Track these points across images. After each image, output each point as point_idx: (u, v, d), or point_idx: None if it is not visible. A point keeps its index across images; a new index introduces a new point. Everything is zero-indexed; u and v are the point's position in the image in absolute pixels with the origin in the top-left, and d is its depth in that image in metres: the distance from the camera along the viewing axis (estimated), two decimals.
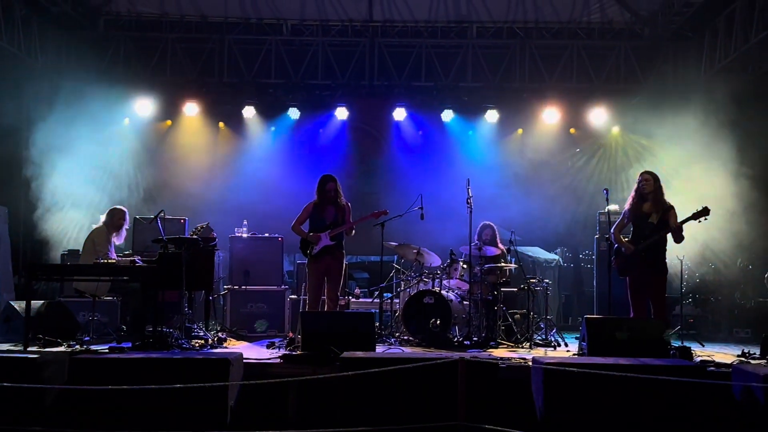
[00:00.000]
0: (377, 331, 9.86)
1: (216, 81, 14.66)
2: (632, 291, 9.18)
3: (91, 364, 6.93)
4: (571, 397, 6.57)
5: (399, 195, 12.88)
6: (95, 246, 9.85)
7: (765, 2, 11.43)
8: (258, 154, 15.34)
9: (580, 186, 14.99)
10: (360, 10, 14.42)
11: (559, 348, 10.18)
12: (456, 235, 12.28)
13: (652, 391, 6.44)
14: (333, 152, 15.34)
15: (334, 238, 10.00)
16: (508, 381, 7.20)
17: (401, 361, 6.67)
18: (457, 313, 10.28)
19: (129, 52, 14.33)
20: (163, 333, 8.93)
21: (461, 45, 14.62)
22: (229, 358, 6.86)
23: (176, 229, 11.89)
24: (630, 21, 14.37)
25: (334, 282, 10.07)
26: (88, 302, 9.76)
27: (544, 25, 14.59)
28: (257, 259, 11.94)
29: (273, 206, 13.82)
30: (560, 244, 14.85)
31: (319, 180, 10.19)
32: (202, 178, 14.94)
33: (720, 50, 12.93)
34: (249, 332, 11.29)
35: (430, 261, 11.34)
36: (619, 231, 9.40)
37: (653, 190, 9.14)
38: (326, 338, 8.02)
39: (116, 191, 13.43)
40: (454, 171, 14.40)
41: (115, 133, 14.49)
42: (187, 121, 15.13)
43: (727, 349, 10.20)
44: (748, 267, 12.93)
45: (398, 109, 15.01)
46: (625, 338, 7.87)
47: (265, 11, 14.49)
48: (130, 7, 14.35)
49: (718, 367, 7.86)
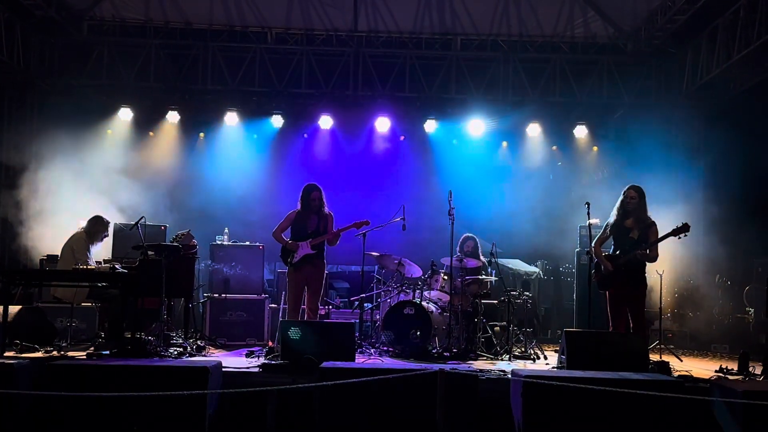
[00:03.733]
0: (357, 341, 9.84)
1: (200, 88, 14.62)
2: (612, 305, 9.20)
3: (68, 371, 6.86)
4: (550, 411, 6.56)
5: (381, 205, 12.89)
6: (74, 253, 9.79)
7: (748, 20, 11.53)
8: (240, 162, 15.29)
9: (562, 199, 15.04)
10: (345, 20, 14.43)
11: (539, 361, 10.19)
12: (437, 246, 12.29)
13: (630, 406, 6.44)
14: (315, 161, 15.34)
15: (315, 248, 9.98)
16: (487, 393, 7.19)
17: (380, 372, 6.64)
18: (437, 325, 10.27)
19: (112, 57, 14.24)
20: (142, 340, 8.88)
21: (445, 57, 14.66)
22: (208, 367, 6.81)
23: (157, 236, 11.83)
24: (613, 36, 14.45)
25: (315, 291, 10.04)
26: (65, 308, 9.70)
27: (528, 39, 14.65)
28: (238, 267, 11.90)
29: (255, 214, 13.82)
30: (541, 257, 14.89)
31: (304, 188, 10.18)
32: (183, 184, 14.88)
33: (702, 67, 13.03)
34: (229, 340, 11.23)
35: (411, 272, 11.34)
36: (600, 244, 9.43)
37: (638, 206, 9.19)
38: (306, 348, 8.00)
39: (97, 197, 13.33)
40: (437, 182, 14.43)
41: (97, 139, 14.40)
42: (170, 128, 15.06)
43: (706, 365, 10.26)
44: (726, 283, 13.02)
45: (382, 119, 15.01)
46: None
47: (250, 19, 14.48)
48: (114, 12, 14.28)
49: (697, 383, 7.91)
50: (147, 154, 14.99)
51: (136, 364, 7.10)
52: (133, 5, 14.23)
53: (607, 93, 14.52)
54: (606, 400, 6.41)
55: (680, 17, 12.64)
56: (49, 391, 6.58)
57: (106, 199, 12.91)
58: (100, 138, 14.52)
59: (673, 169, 13.27)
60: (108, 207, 12.41)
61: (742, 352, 9.09)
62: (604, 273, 9.23)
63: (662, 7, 12.93)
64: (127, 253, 10.91)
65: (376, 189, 15.08)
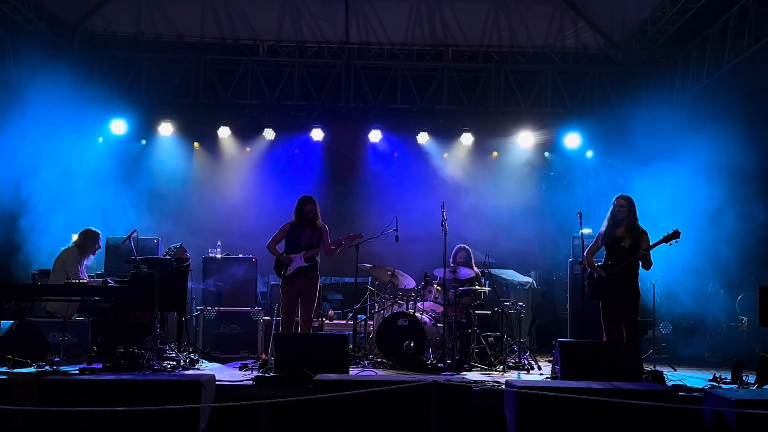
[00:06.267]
0: (351, 353, 9.84)
1: (191, 101, 14.61)
2: (605, 315, 9.21)
3: (61, 386, 6.84)
4: (544, 421, 6.56)
5: (374, 217, 12.89)
6: (65, 267, 9.78)
7: (737, 30, 11.57)
8: (233, 175, 15.30)
9: (554, 209, 15.04)
10: (337, 32, 14.46)
11: (533, 371, 10.19)
12: (431, 257, 12.29)
13: (624, 416, 6.44)
14: (308, 173, 15.33)
15: (308, 260, 9.98)
16: (481, 404, 7.19)
17: (374, 383, 6.65)
18: (431, 336, 10.28)
19: (104, 70, 14.22)
20: (135, 354, 8.85)
21: (437, 68, 14.69)
22: (201, 380, 6.80)
23: (150, 250, 11.80)
24: (604, 47, 14.49)
25: (308, 304, 10.04)
26: (58, 323, 9.67)
27: (519, 50, 14.68)
28: (231, 280, 11.89)
29: (247, 227, 13.80)
30: (534, 267, 14.89)
31: (299, 201, 10.20)
32: (176, 198, 14.86)
33: (692, 77, 13.08)
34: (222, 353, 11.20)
35: (405, 283, 11.34)
36: (592, 254, 9.45)
37: (628, 215, 9.22)
38: (300, 360, 8.00)
39: (89, 211, 13.29)
40: (429, 193, 14.44)
41: (89, 153, 14.35)
42: (162, 141, 15.03)
43: (699, 374, 10.26)
44: (719, 292, 13.03)
45: (374, 131, 15.01)
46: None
47: (241, 32, 14.50)
48: (105, 26, 14.28)
49: (690, 392, 7.92)
50: (140, 167, 14.95)
51: (129, 378, 7.10)
52: (124, 19, 14.22)
53: (599, 103, 14.57)
54: (600, 410, 6.41)
55: (670, 27, 12.67)
56: (42, 407, 6.55)
57: (98, 213, 12.90)
58: (93, 151, 14.47)
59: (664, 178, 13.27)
60: (100, 220, 12.40)
61: (736, 360, 9.10)
62: (597, 281, 9.25)
63: (652, 17, 12.96)
64: (119, 266, 10.92)
65: (368, 200, 15.07)
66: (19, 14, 12.65)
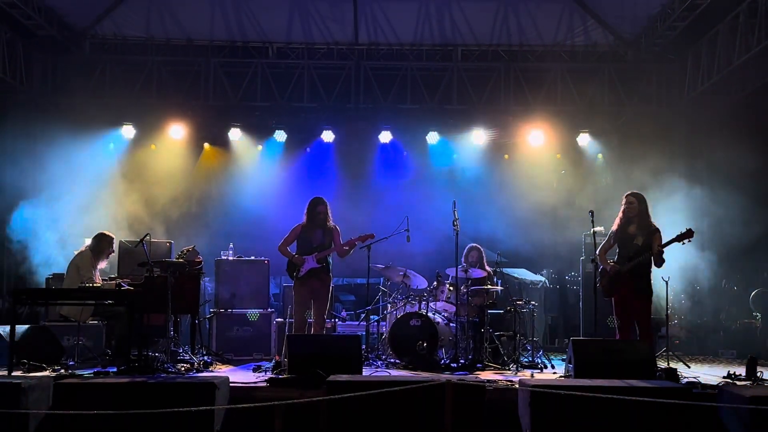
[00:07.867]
0: (364, 353, 9.83)
1: (201, 104, 14.64)
2: (618, 311, 9.17)
3: (75, 389, 6.87)
4: (558, 420, 6.55)
5: (385, 217, 12.86)
6: (79, 271, 9.80)
7: (748, 26, 11.54)
8: (244, 177, 15.28)
9: (566, 208, 15.00)
10: (346, 33, 14.50)
11: (546, 370, 10.15)
12: (442, 257, 12.28)
13: (639, 413, 6.43)
14: (319, 175, 15.31)
15: (320, 261, 9.99)
16: (495, 403, 7.18)
17: (388, 384, 6.65)
18: (443, 336, 10.27)
19: (115, 75, 14.31)
20: (149, 357, 8.90)
21: (446, 68, 14.70)
22: (215, 382, 6.82)
23: (162, 253, 11.84)
24: (613, 44, 14.48)
25: (321, 305, 10.06)
26: (72, 326, 9.71)
27: (528, 48, 14.69)
28: (243, 282, 11.90)
29: (259, 229, 13.80)
30: (546, 266, 14.86)
31: (310, 202, 10.21)
32: (187, 200, 14.89)
33: (703, 73, 13.04)
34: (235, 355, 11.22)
35: (417, 283, 11.34)
36: (605, 252, 9.41)
37: (638, 212, 9.18)
38: (313, 361, 7.99)
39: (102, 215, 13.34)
40: (440, 193, 14.40)
41: (100, 156, 14.42)
42: (172, 144, 15.01)
43: (713, 371, 10.22)
44: (733, 288, 13.00)
45: (384, 132, 15.00)
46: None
47: (251, 34, 14.55)
48: (116, 30, 14.35)
49: (705, 389, 7.88)
50: (151, 170, 14.98)
51: (143, 381, 7.12)
52: (134, 23, 14.30)
53: (609, 100, 14.53)
54: (614, 408, 6.39)
55: (680, 24, 12.64)
56: (57, 410, 6.58)
57: (111, 216, 12.94)
58: (104, 155, 14.54)
59: (676, 174, 13.24)
60: (113, 224, 12.44)
61: (750, 357, 9.07)
62: (610, 275, 9.21)
63: (662, 14, 12.93)
64: (132, 270, 10.95)
65: (379, 201, 15.07)
66: (29, 20, 12.72)
